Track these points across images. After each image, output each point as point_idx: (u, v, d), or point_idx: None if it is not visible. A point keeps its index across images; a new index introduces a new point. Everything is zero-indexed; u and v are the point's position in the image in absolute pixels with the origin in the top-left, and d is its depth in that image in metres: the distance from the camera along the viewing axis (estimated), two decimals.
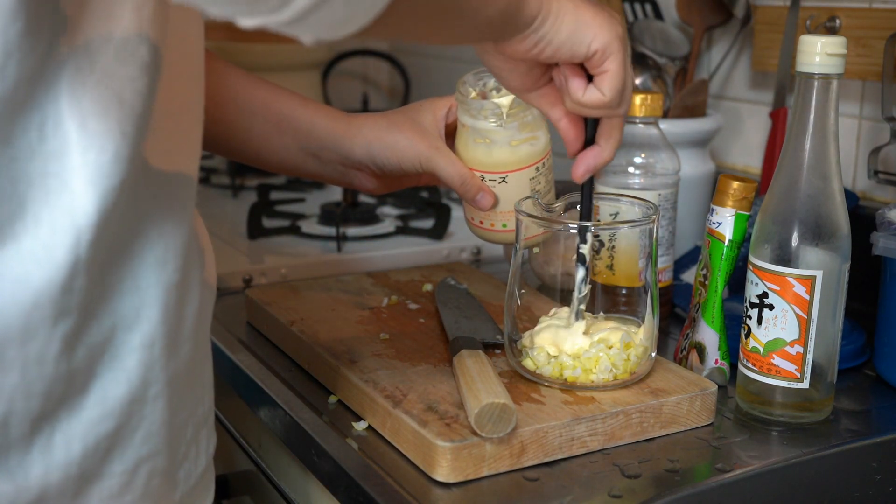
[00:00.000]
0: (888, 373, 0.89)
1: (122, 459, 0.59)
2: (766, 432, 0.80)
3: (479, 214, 0.89)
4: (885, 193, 1.09)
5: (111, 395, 0.58)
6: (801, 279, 0.78)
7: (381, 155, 0.88)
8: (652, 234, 0.81)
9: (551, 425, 0.73)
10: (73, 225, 0.54)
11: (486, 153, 0.85)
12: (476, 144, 0.86)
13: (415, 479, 0.71)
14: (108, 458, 0.58)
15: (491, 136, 0.85)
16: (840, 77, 0.78)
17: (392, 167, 0.88)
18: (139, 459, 0.60)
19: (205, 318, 0.66)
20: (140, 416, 0.59)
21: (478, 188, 0.86)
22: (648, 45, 1.19)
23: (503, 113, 0.84)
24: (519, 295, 0.83)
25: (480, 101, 0.85)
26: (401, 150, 0.87)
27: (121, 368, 0.58)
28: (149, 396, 0.59)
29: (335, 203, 1.36)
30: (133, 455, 0.60)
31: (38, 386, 0.54)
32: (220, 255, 1.20)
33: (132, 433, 0.59)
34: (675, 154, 1.00)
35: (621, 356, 0.79)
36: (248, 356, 0.94)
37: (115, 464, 0.59)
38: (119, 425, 0.58)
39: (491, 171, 0.86)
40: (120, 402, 0.58)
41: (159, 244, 0.59)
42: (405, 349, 0.87)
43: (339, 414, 0.82)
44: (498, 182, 0.86)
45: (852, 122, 1.11)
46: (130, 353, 0.58)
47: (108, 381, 0.57)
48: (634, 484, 0.71)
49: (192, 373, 0.65)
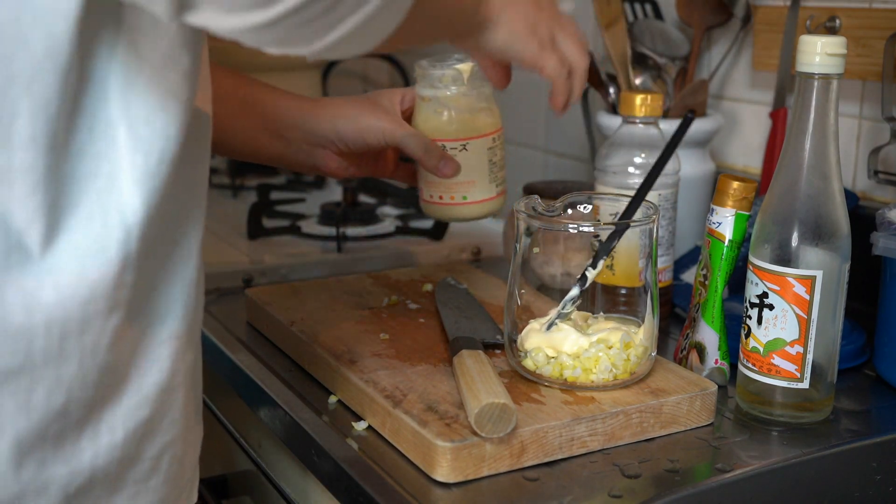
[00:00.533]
0: (888, 373, 0.89)
1: (152, 444, 0.63)
2: (766, 432, 0.80)
3: (439, 189, 0.92)
4: (885, 193, 1.09)
5: (147, 384, 0.62)
6: (801, 279, 0.78)
7: (345, 129, 0.91)
8: (652, 234, 0.81)
9: (551, 425, 0.73)
10: (123, 222, 0.57)
11: (447, 121, 0.90)
12: (437, 114, 0.90)
13: (415, 479, 0.71)
14: (143, 443, 0.62)
15: (452, 103, 0.89)
16: (840, 77, 0.78)
17: (356, 142, 0.92)
18: (164, 445, 0.64)
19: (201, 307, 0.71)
20: (168, 403, 0.64)
21: (440, 155, 0.89)
22: (648, 45, 1.19)
23: (464, 78, 0.89)
24: (519, 295, 0.83)
25: (442, 70, 0.90)
26: (365, 124, 0.91)
27: (154, 359, 0.62)
28: (175, 385, 0.64)
29: (335, 203, 1.36)
30: (160, 440, 0.64)
31: (91, 376, 0.58)
32: (220, 255, 1.21)
33: (161, 419, 0.63)
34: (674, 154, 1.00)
35: (621, 356, 0.79)
36: (248, 356, 0.94)
37: (147, 449, 0.63)
38: (153, 412, 0.63)
39: (452, 138, 0.90)
40: (154, 390, 0.62)
41: (184, 243, 0.63)
42: (405, 349, 0.87)
43: (339, 414, 0.82)
44: (459, 150, 0.90)
45: (852, 122, 1.11)
46: (161, 344, 0.62)
47: (145, 371, 0.62)
48: (634, 484, 0.71)
49: (198, 362, 0.69)
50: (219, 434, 1.05)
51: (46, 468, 0.58)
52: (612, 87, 1.20)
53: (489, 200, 0.93)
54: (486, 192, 0.92)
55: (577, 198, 0.86)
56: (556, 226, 0.82)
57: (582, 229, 0.80)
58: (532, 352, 0.80)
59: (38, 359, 0.56)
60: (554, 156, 1.58)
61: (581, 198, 0.86)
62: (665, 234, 1.00)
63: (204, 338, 0.99)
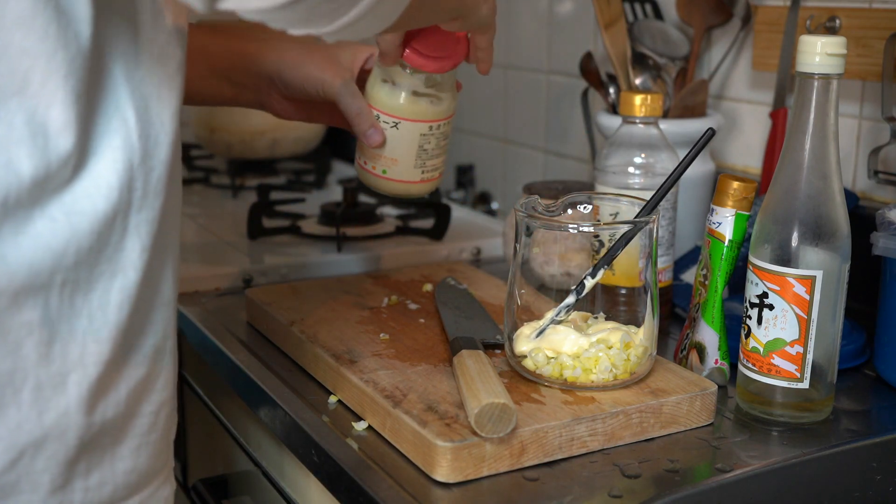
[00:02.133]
0: (888, 373, 0.89)
1: (150, 401, 0.66)
2: (766, 432, 0.80)
3: (365, 155, 0.92)
4: (885, 193, 1.09)
5: (146, 345, 0.65)
6: (801, 279, 0.78)
7: (287, 76, 0.92)
8: (652, 234, 0.81)
9: (551, 425, 0.73)
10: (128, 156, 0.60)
11: (388, 94, 0.90)
12: (382, 84, 0.90)
13: (415, 479, 0.71)
14: (141, 399, 0.65)
15: (396, 78, 0.89)
16: (840, 77, 0.78)
17: (296, 88, 0.92)
18: (161, 403, 0.67)
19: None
20: (162, 365, 0.67)
21: (370, 123, 0.90)
22: (648, 45, 1.19)
23: None
24: (519, 295, 0.83)
25: None
26: (307, 72, 0.91)
27: (151, 322, 0.65)
28: (167, 348, 0.67)
29: (335, 203, 1.36)
30: (157, 398, 0.67)
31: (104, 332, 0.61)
32: (220, 255, 1.21)
33: (156, 379, 0.66)
34: (674, 154, 1.00)
35: (621, 356, 0.79)
36: (248, 356, 0.94)
37: (145, 405, 0.66)
38: (148, 372, 0.65)
39: (387, 112, 0.90)
40: (151, 350, 0.65)
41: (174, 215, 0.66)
42: (405, 349, 0.87)
43: (339, 414, 0.82)
44: (390, 125, 0.90)
45: (852, 122, 1.11)
46: (158, 308, 0.65)
47: (147, 334, 0.65)
48: (634, 484, 0.71)
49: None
50: (219, 434, 1.05)
51: (69, 416, 0.60)
52: (612, 87, 1.20)
53: (409, 183, 0.93)
54: (407, 174, 0.92)
55: (577, 198, 0.86)
56: (555, 226, 0.82)
57: (582, 229, 0.80)
58: (532, 352, 0.80)
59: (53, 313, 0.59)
60: (554, 156, 1.58)
61: (581, 198, 0.86)
62: (665, 234, 1.00)
63: (204, 338, 0.99)
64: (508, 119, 1.68)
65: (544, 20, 1.56)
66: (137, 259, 0.62)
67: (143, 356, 0.65)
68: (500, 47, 1.68)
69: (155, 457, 0.68)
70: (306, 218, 1.35)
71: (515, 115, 1.66)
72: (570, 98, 1.49)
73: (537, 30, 1.58)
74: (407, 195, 0.94)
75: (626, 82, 1.18)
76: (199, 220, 1.38)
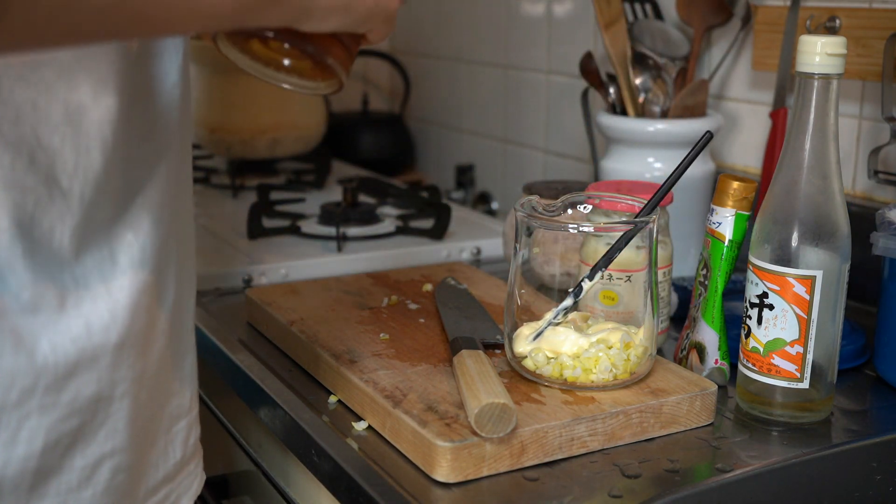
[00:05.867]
0: (888, 373, 0.89)
1: (83, 455, 0.60)
2: (766, 432, 0.80)
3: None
4: (885, 193, 1.09)
5: (82, 395, 0.59)
6: (801, 279, 0.78)
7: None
8: (652, 234, 0.81)
9: (551, 425, 0.73)
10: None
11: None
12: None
13: (415, 479, 0.71)
14: (68, 454, 0.60)
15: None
16: (840, 77, 0.78)
17: None
18: (102, 455, 0.61)
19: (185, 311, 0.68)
20: (105, 413, 0.61)
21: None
22: (648, 45, 1.19)
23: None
24: (519, 295, 0.83)
25: None
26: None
27: (94, 368, 0.59)
28: (115, 395, 0.61)
29: (335, 203, 1.36)
30: (96, 451, 0.61)
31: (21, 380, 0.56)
32: (220, 255, 1.21)
33: (96, 430, 0.60)
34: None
35: (621, 356, 0.79)
36: (248, 356, 0.94)
37: (76, 459, 0.60)
38: (83, 422, 0.59)
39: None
40: (88, 400, 0.59)
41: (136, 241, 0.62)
42: (405, 349, 0.87)
43: (339, 414, 0.82)
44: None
45: (852, 122, 1.11)
46: (105, 354, 0.60)
47: (84, 381, 0.59)
48: (634, 484, 0.71)
49: (165, 369, 0.66)
50: (219, 434, 1.05)
51: None
52: (613, 87, 1.20)
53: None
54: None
55: (577, 198, 0.86)
56: (555, 226, 0.82)
57: (582, 229, 0.80)
58: (532, 352, 0.80)
59: None
60: (554, 156, 1.58)
61: (581, 198, 0.86)
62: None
63: (204, 338, 0.99)
64: (508, 119, 1.68)
65: (544, 20, 1.56)
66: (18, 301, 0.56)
67: (75, 407, 0.59)
68: (500, 47, 1.69)
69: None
70: (306, 218, 1.35)
71: (515, 115, 1.66)
72: (570, 98, 1.49)
73: (537, 30, 1.58)
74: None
75: (627, 82, 1.18)
76: (199, 220, 1.38)
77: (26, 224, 0.57)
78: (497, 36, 1.70)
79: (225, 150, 1.64)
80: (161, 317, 0.65)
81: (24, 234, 0.57)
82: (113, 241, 0.61)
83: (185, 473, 0.72)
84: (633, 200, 0.84)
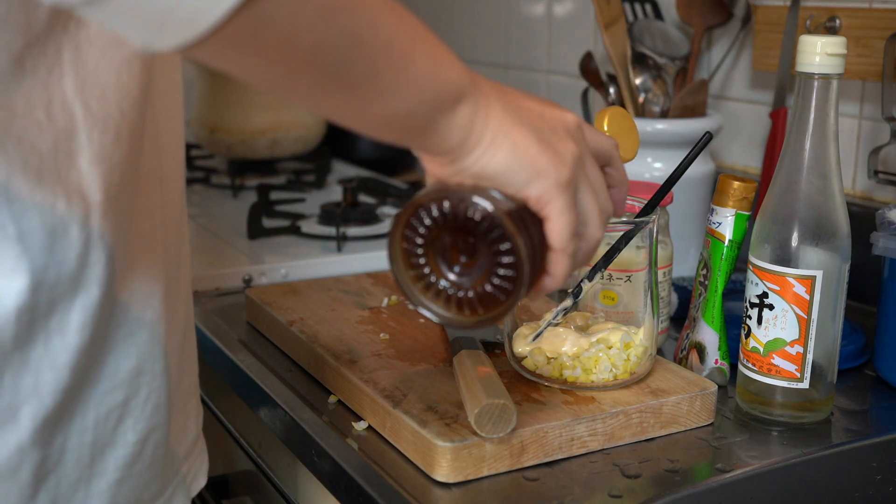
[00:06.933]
0: (888, 373, 0.89)
1: (134, 430, 0.62)
2: (766, 432, 0.80)
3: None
4: (885, 193, 1.09)
5: (123, 369, 0.60)
6: (801, 279, 0.78)
7: None
8: (652, 234, 0.81)
9: (551, 425, 0.73)
10: (83, 200, 0.56)
11: None
12: None
13: (415, 479, 0.71)
14: (120, 428, 0.61)
15: None
16: (840, 77, 0.78)
17: None
18: (148, 430, 0.63)
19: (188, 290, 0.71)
20: (149, 388, 0.62)
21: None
22: (648, 45, 1.19)
23: None
24: None
25: None
26: None
27: (133, 343, 0.61)
28: (157, 370, 0.63)
29: (335, 203, 1.36)
30: (143, 425, 0.62)
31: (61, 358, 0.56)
32: (220, 255, 1.21)
33: (143, 404, 0.62)
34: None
35: (621, 356, 0.79)
36: (248, 356, 0.94)
37: (128, 434, 0.62)
38: (127, 396, 0.61)
39: None
40: (129, 374, 0.61)
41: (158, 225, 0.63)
42: (405, 349, 0.87)
43: (339, 414, 0.82)
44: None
45: (852, 122, 1.11)
46: (142, 328, 0.61)
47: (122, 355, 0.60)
48: (634, 484, 0.71)
49: (185, 346, 0.68)
50: (219, 434, 1.05)
51: (23, 452, 0.56)
52: (613, 87, 1.20)
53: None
54: None
55: None
56: None
57: None
58: (532, 352, 0.80)
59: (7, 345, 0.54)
60: None
61: None
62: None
63: (204, 338, 0.99)
64: None
65: (544, 20, 1.56)
66: (102, 275, 0.57)
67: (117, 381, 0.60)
68: (500, 47, 1.69)
69: (142, 489, 0.63)
70: (306, 218, 1.35)
71: None
72: (570, 98, 1.49)
73: (537, 30, 1.58)
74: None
75: (627, 82, 1.18)
76: (199, 220, 1.38)
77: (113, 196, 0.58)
78: (497, 36, 1.69)
79: (225, 150, 1.64)
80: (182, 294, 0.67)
81: (113, 207, 0.58)
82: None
83: (198, 451, 0.74)
84: (633, 200, 0.84)
